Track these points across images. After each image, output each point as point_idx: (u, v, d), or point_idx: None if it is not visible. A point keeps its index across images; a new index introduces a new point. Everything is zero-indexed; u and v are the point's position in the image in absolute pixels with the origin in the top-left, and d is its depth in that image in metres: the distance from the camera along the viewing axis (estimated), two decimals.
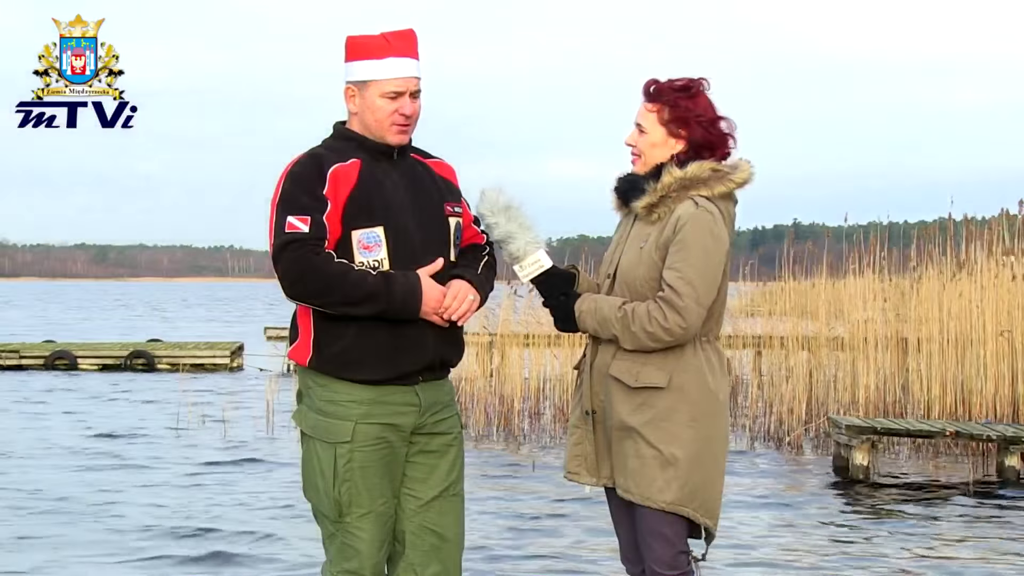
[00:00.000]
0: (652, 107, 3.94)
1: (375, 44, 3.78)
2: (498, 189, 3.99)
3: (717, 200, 3.88)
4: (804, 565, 7.30)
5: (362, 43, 3.80)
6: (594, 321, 3.92)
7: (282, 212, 3.69)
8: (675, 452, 3.83)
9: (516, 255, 3.98)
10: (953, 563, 7.43)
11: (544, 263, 4.00)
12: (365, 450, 3.73)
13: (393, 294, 3.66)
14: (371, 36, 3.81)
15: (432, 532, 3.86)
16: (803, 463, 11.57)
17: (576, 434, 4.05)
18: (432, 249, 3.80)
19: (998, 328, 12.00)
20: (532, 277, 4.01)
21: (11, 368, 23.22)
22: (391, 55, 3.77)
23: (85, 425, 14.68)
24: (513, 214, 3.96)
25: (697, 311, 3.80)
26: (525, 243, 3.97)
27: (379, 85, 3.77)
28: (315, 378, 3.79)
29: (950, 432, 10.60)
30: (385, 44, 3.78)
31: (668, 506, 3.84)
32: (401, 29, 3.84)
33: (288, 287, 3.68)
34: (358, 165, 3.76)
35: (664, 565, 3.89)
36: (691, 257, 3.80)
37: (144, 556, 7.49)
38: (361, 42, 3.81)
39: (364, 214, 3.72)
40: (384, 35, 3.81)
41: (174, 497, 9.58)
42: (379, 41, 3.79)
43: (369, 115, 3.80)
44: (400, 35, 3.82)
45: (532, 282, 4.03)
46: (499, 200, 3.97)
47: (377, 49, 3.78)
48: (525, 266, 4.00)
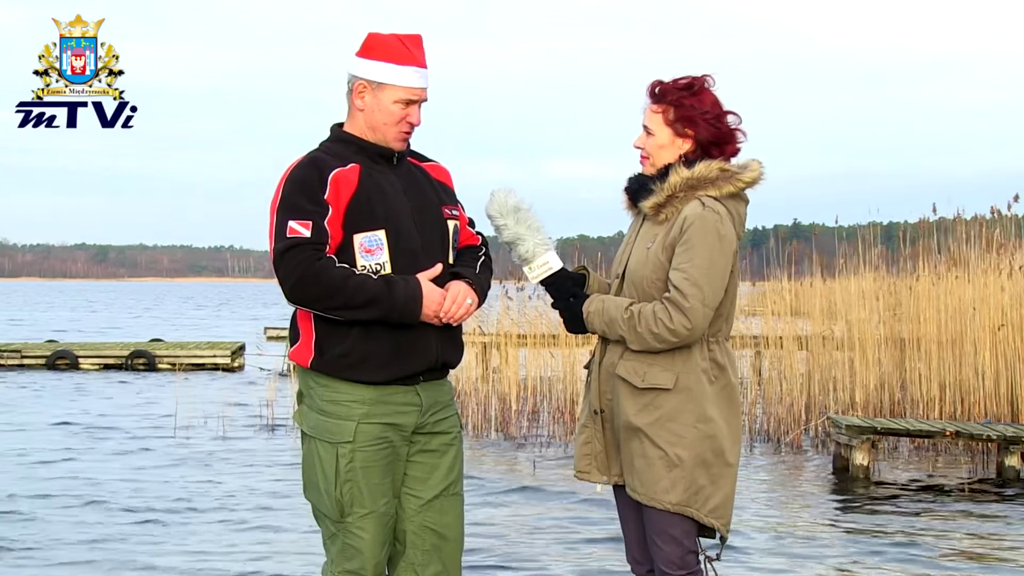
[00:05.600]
0: (657, 108, 3.94)
1: (397, 48, 3.78)
2: (508, 190, 3.99)
3: (725, 200, 3.87)
4: (804, 565, 7.31)
5: (385, 44, 3.79)
6: (601, 322, 3.92)
7: (283, 216, 3.69)
8: (680, 453, 3.82)
9: (525, 257, 3.99)
10: (953, 563, 7.43)
11: (553, 265, 4.00)
12: (367, 450, 3.74)
13: (394, 299, 3.67)
14: (392, 37, 3.81)
15: (433, 531, 3.87)
16: (803, 463, 11.58)
17: (585, 433, 4.06)
18: (431, 252, 3.81)
19: (994, 326, 12.00)
20: (541, 279, 4.01)
21: (12, 368, 23.27)
22: (411, 63, 3.79)
23: (84, 426, 14.69)
24: (522, 216, 3.96)
25: (703, 312, 3.79)
26: (534, 245, 3.97)
27: (395, 91, 3.78)
28: (316, 378, 3.79)
29: (950, 432, 10.61)
30: (407, 51, 3.79)
31: (673, 507, 3.84)
32: (410, 34, 3.84)
33: (289, 291, 3.68)
34: (358, 170, 3.77)
35: (672, 565, 3.89)
36: (697, 258, 3.79)
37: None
38: (384, 43, 3.80)
39: (365, 218, 3.72)
40: (402, 39, 3.80)
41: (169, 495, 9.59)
42: (401, 46, 3.79)
43: (378, 116, 3.80)
44: (416, 42, 3.82)
45: (542, 283, 4.03)
46: (508, 202, 3.97)
47: (399, 54, 3.78)
48: (534, 268, 4.00)
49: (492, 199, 3.98)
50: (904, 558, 7.54)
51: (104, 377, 21.81)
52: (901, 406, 12.39)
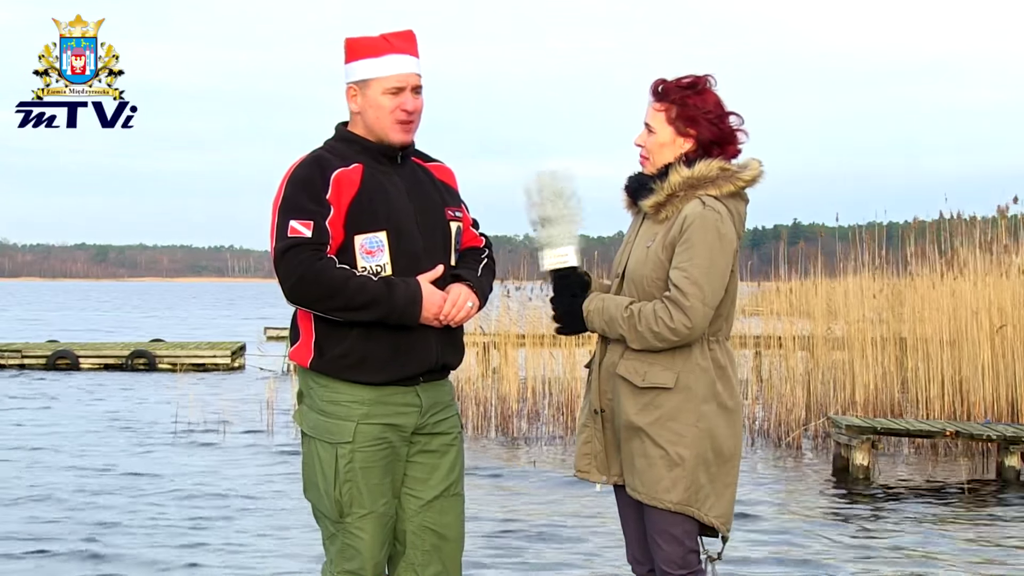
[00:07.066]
0: (660, 106, 3.94)
1: (374, 43, 3.80)
2: (555, 174, 3.96)
3: (725, 199, 3.87)
4: (804, 565, 7.31)
5: (361, 43, 3.82)
6: (601, 320, 3.92)
7: (284, 216, 3.68)
8: (681, 452, 3.82)
9: (546, 242, 3.96)
10: (953, 563, 7.43)
11: (570, 260, 3.98)
12: (366, 450, 3.74)
13: (395, 301, 3.66)
14: (369, 37, 3.83)
15: (433, 532, 3.87)
16: (803, 463, 11.58)
17: (585, 432, 4.06)
18: (433, 254, 3.80)
19: (994, 327, 12.00)
20: (553, 268, 3.99)
21: (13, 367, 23.28)
22: (390, 52, 3.79)
23: (85, 425, 14.70)
24: (560, 203, 3.93)
25: (703, 311, 3.79)
26: (559, 233, 3.94)
27: (380, 82, 3.78)
28: (316, 378, 3.79)
29: (950, 432, 10.61)
30: (384, 43, 3.80)
31: (674, 506, 3.84)
32: (400, 30, 3.85)
33: (289, 291, 3.67)
34: (360, 170, 3.76)
35: (673, 565, 3.89)
36: (697, 257, 3.79)
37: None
38: (360, 43, 3.82)
39: (367, 219, 3.71)
40: (383, 35, 3.83)
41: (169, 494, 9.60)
42: (378, 40, 3.81)
43: (372, 112, 3.79)
44: (399, 34, 3.84)
45: (551, 273, 4.00)
46: (551, 185, 3.94)
47: (376, 48, 3.79)
48: (550, 255, 3.97)
49: (537, 177, 3.96)
50: (904, 558, 7.54)
51: (104, 377, 21.82)
52: (901, 406, 12.39)
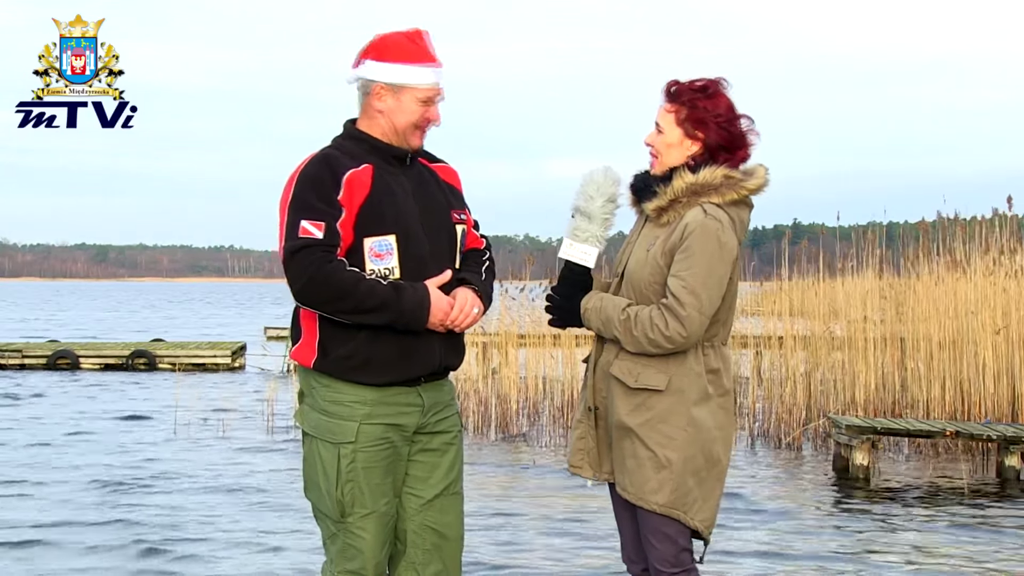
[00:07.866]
0: (671, 107, 3.94)
1: (411, 48, 3.78)
2: (612, 178, 4.00)
3: (728, 206, 3.87)
4: (803, 565, 7.31)
5: (398, 44, 3.78)
6: (598, 320, 3.93)
7: (295, 215, 3.66)
8: (669, 455, 3.83)
9: (576, 234, 4.00)
10: (953, 563, 7.43)
11: (589, 259, 4.02)
12: (368, 450, 3.74)
13: (403, 306, 3.66)
14: (402, 36, 3.80)
15: (433, 531, 3.87)
16: (803, 463, 11.58)
17: (580, 428, 4.08)
18: (439, 257, 3.81)
19: (995, 327, 12.01)
20: (570, 259, 4.02)
21: (14, 367, 23.28)
22: (427, 62, 3.79)
23: (82, 425, 14.70)
24: (605, 206, 3.98)
25: (699, 320, 3.79)
26: (592, 232, 3.99)
27: (417, 91, 3.78)
28: (319, 378, 3.79)
29: (950, 432, 10.61)
30: (421, 50, 3.78)
31: (660, 508, 3.85)
32: (414, 30, 3.82)
33: (298, 292, 3.67)
34: (370, 171, 3.75)
35: (667, 563, 3.90)
36: (696, 266, 3.79)
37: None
38: (397, 43, 3.78)
39: (377, 222, 3.71)
40: (411, 38, 3.79)
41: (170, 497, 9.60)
42: (413, 45, 3.78)
43: (401, 117, 3.79)
44: (425, 38, 3.81)
45: (565, 262, 4.04)
46: (604, 184, 3.98)
47: (414, 54, 3.77)
48: (575, 248, 4.01)
49: (590, 175, 4.00)
50: (904, 558, 7.54)
51: (104, 377, 21.82)
52: (901, 406, 12.39)
